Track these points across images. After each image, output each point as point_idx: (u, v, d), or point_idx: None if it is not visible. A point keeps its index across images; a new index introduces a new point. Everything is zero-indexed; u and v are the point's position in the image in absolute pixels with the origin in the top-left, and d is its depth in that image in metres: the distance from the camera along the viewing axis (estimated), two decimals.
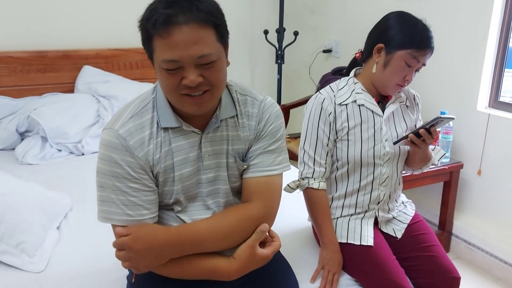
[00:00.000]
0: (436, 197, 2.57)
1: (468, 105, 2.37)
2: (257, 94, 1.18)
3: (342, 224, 1.49)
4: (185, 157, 1.10)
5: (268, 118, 1.16)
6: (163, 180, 1.09)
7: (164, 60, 0.96)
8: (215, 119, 1.11)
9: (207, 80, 0.99)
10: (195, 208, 1.15)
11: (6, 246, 1.44)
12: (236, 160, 1.16)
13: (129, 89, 2.69)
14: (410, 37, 1.35)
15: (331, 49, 3.28)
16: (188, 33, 0.93)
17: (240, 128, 1.15)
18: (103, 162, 1.04)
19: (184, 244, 1.05)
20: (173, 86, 0.99)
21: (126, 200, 1.04)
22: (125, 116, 1.06)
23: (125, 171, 1.03)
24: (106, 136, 1.05)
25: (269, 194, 1.16)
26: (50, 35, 2.74)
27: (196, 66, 0.97)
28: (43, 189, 1.71)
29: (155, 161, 1.07)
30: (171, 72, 0.97)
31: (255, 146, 1.17)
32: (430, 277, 1.45)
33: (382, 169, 1.47)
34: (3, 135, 2.40)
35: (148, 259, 1.03)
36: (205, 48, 0.96)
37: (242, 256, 1.09)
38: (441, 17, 2.42)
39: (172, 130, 1.08)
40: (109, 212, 1.05)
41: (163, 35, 0.94)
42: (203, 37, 0.95)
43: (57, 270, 1.43)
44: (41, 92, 2.67)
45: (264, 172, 1.15)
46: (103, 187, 1.05)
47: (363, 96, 1.45)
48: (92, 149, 2.43)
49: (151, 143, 1.06)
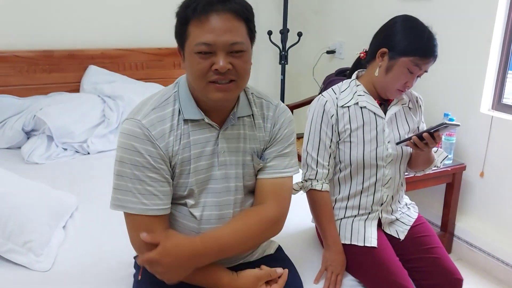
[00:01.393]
0: (439, 199, 2.57)
1: (472, 107, 2.38)
2: (272, 99, 1.25)
3: (346, 225, 1.50)
4: (202, 150, 1.13)
5: (283, 123, 1.22)
6: (179, 172, 1.13)
7: (199, 43, 1.02)
8: (233, 116, 1.15)
9: (235, 69, 1.04)
10: (207, 204, 1.17)
11: (13, 244, 1.45)
12: (253, 158, 1.20)
13: (135, 89, 2.71)
14: (414, 45, 1.36)
15: (334, 50, 3.29)
16: (225, 20, 1.01)
17: (256, 128, 1.20)
18: (124, 151, 1.07)
19: (209, 253, 1.09)
20: (203, 72, 1.04)
21: (143, 189, 1.07)
22: (147, 108, 1.11)
23: (146, 160, 1.07)
24: (128, 126, 1.08)
25: (283, 195, 1.21)
26: (56, 35, 2.76)
27: (227, 53, 1.03)
28: (49, 188, 1.73)
29: (174, 153, 1.11)
30: (203, 56, 1.02)
31: (271, 149, 1.22)
32: (433, 279, 1.46)
33: (384, 171, 1.48)
34: (9, 134, 2.41)
35: (177, 272, 1.06)
36: (237, 37, 1.03)
37: (246, 282, 1.15)
38: (445, 19, 2.42)
39: (192, 124, 1.12)
40: (124, 200, 1.08)
41: (202, 19, 1.01)
42: (236, 27, 1.03)
43: (63, 269, 1.45)
44: (47, 91, 2.69)
45: (279, 173, 1.21)
46: (121, 175, 1.08)
47: (365, 98, 1.47)
48: (98, 149, 2.44)
49: (172, 135, 1.10)
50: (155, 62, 3.01)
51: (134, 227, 1.10)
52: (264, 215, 1.16)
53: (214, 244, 1.09)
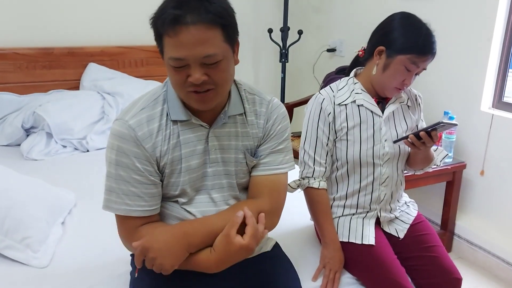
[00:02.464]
0: (439, 197, 2.57)
1: (472, 105, 2.37)
2: (265, 95, 1.23)
3: (344, 223, 1.50)
4: (193, 149, 1.13)
5: (276, 118, 1.21)
6: (170, 172, 1.12)
7: (171, 57, 1.00)
8: (223, 115, 1.14)
9: (211, 79, 1.02)
10: (201, 201, 1.17)
11: (11, 241, 1.45)
12: (245, 156, 1.19)
13: (134, 87, 2.71)
14: (411, 43, 1.35)
15: (335, 48, 3.28)
16: (195, 33, 0.97)
17: (249, 125, 1.19)
18: (111, 151, 1.08)
19: (197, 233, 1.07)
20: (180, 83, 1.03)
21: (127, 190, 1.08)
22: (136, 108, 1.10)
23: (131, 162, 1.07)
24: (116, 126, 1.08)
25: (277, 191, 1.20)
26: (55, 32, 2.76)
27: (201, 65, 1.00)
28: (48, 185, 1.73)
29: (163, 153, 1.10)
30: (177, 69, 1.01)
31: (264, 145, 1.21)
32: (432, 278, 1.46)
33: (382, 169, 1.47)
34: (9, 131, 2.42)
35: (170, 257, 1.04)
36: (210, 49, 0.99)
37: (219, 247, 1.06)
38: (446, 17, 2.41)
39: (181, 123, 1.12)
40: (110, 200, 1.09)
41: (171, 34, 0.98)
42: (209, 38, 0.98)
43: (61, 265, 1.45)
44: (46, 88, 2.69)
45: (273, 170, 1.20)
46: (108, 176, 1.09)
47: (363, 97, 1.46)
48: (97, 146, 2.44)
49: (160, 135, 1.10)
50: (154, 59, 3.01)
51: (121, 227, 1.12)
52: (255, 207, 1.14)
53: (203, 226, 1.08)
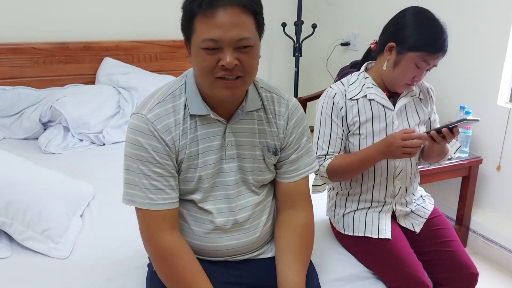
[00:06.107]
0: (454, 192, 2.55)
1: (489, 100, 2.34)
2: (282, 93, 1.22)
3: (360, 217, 1.50)
4: (210, 144, 1.13)
5: (296, 120, 1.21)
6: (187, 166, 1.12)
7: (205, 39, 0.99)
8: (241, 111, 1.13)
9: (242, 65, 1.02)
10: (217, 198, 1.17)
11: (33, 232, 1.48)
12: (263, 153, 1.18)
13: (149, 81, 2.72)
14: (422, 41, 1.33)
15: (349, 42, 3.26)
16: (231, 15, 0.98)
17: (268, 123, 1.18)
18: (130, 146, 1.08)
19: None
20: (209, 68, 1.02)
21: (149, 184, 1.08)
22: (152, 102, 1.10)
23: (150, 155, 1.07)
24: (134, 121, 1.08)
25: (309, 193, 1.27)
26: (72, 27, 2.78)
27: (234, 49, 1.00)
28: (67, 178, 1.76)
29: (181, 147, 1.10)
30: (210, 52, 1.00)
31: (289, 150, 1.21)
32: (448, 272, 1.46)
33: (395, 163, 1.47)
34: (27, 125, 2.45)
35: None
36: (245, 32, 1.00)
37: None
38: (462, 10, 2.38)
39: (199, 118, 1.12)
40: (133, 195, 1.09)
41: (207, 14, 0.98)
42: (244, 22, 1.00)
43: (80, 257, 1.47)
44: (63, 83, 2.72)
45: (304, 174, 1.24)
46: (128, 170, 1.09)
47: (374, 91, 1.45)
48: (113, 139, 2.47)
49: (177, 129, 1.10)
50: (169, 54, 3.02)
51: (144, 221, 1.11)
52: (305, 224, 1.23)
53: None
